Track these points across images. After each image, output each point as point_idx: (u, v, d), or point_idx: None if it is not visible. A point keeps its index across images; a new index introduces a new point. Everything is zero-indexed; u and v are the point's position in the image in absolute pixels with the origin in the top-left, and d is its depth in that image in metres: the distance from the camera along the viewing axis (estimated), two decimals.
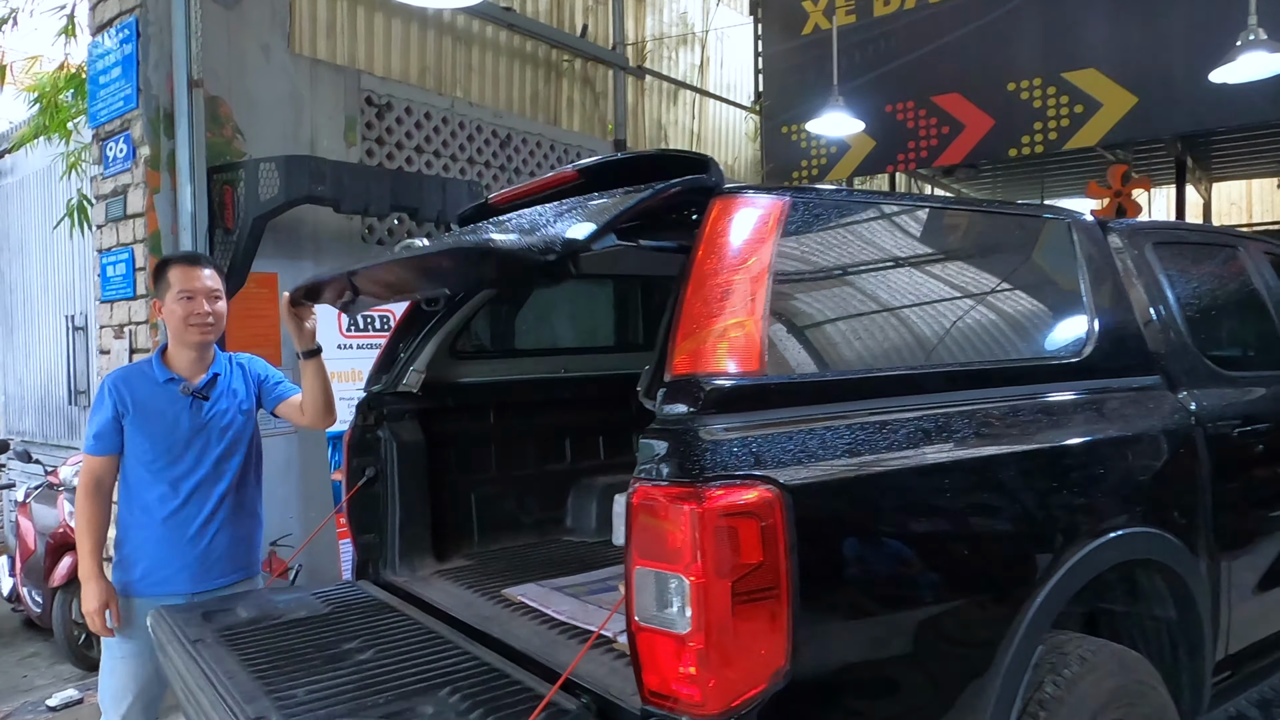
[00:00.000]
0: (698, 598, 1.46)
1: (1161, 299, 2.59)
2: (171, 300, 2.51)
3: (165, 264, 2.57)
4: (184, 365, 2.57)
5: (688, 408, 1.57)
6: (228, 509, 2.56)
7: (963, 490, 1.77)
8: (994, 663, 1.78)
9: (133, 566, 2.52)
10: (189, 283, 2.51)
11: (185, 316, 2.51)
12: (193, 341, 2.55)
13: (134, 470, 2.51)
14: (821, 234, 1.89)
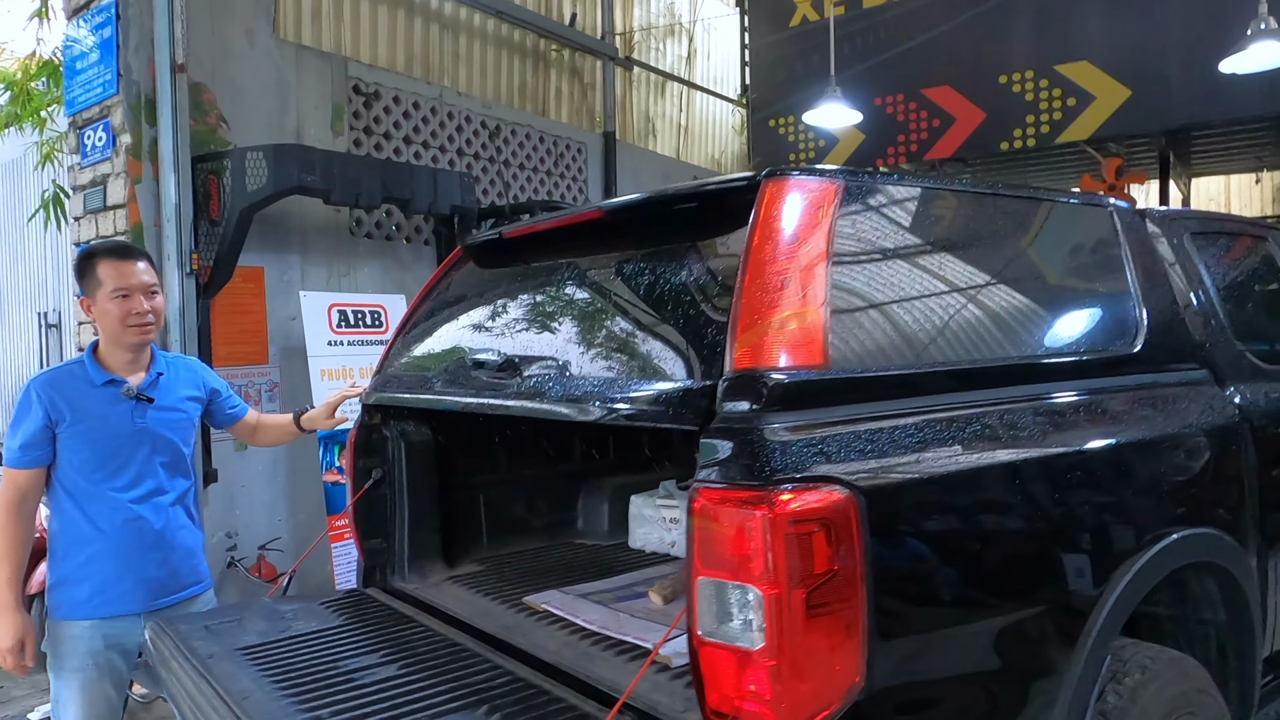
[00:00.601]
0: (770, 610, 1.34)
1: (1203, 290, 2.50)
2: (104, 299, 2.27)
3: (91, 257, 2.30)
4: (120, 366, 2.34)
5: (750, 405, 1.45)
6: (179, 518, 2.39)
7: (1035, 490, 1.67)
8: (1066, 672, 1.68)
9: (77, 587, 2.27)
10: (123, 279, 2.28)
11: (122, 317, 2.27)
12: (131, 343, 2.32)
13: (71, 482, 2.26)
14: (874, 219, 1.78)
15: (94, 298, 2.29)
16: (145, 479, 2.31)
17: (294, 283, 4.68)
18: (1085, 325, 2.09)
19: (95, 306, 2.29)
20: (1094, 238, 2.28)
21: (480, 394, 2.00)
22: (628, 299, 1.84)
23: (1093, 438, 1.83)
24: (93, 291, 2.29)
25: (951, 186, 2.00)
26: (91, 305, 2.31)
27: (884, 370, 1.61)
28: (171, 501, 2.36)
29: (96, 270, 2.28)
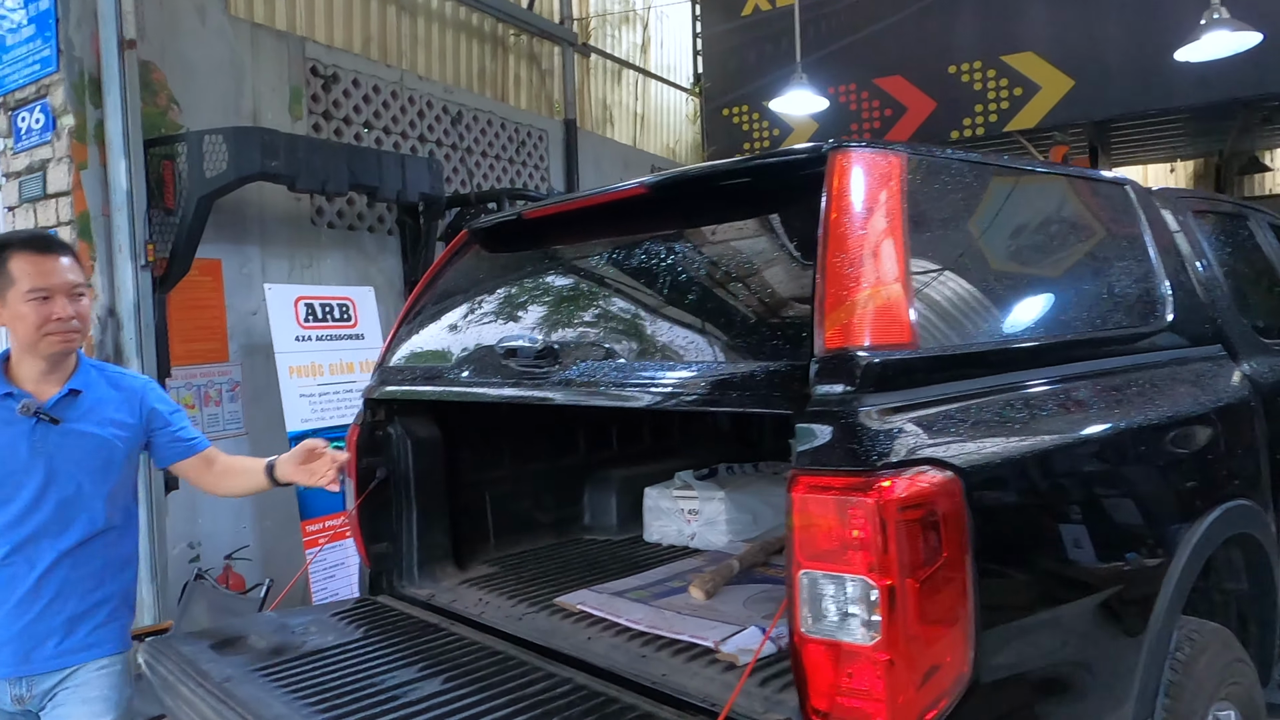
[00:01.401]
0: (884, 602, 1.27)
1: (1210, 266, 2.53)
2: (18, 300, 1.86)
3: (3, 249, 1.89)
4: (32, 377, 1.92)
5: (845, 386, 1.38)
6: (71, 568, 1.90)
7: (1116, 464, 1.64)
8: (1141, 648, 1.65)
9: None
10: (43, 277, 1.86)
11: (39, 323, 1.86)
12: (50, 353, 1.90)
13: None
14: (934, 192, 1.72)
15: (4, 298, 1.87)
16: (30, 519, 1.86)
17: (254, 275, 4.44)
18: (1125, 301, 2.07)
19: (6, 308, 1.88)
20: (1121, 215, 2.27)
21: (520, 384, 1.87)
22: (683, 280, 1.75)
23: (1155, 412, 1.82)
24: (3, 290, 1.87)
25: (1001, 162, 1.96)
26: (1, 307, 1.89)
27: (963, 347, 1.56)
28: (66, 548, 1.89)
29: (8, 265, 1.86)
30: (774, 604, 2.07)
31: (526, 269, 2.25)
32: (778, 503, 2.83)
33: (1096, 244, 2.07)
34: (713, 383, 1.50)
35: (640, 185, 1.87)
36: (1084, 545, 1.56)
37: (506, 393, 1.92)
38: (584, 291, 1.96)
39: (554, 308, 1.99)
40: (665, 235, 1.86)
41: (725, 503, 2.65)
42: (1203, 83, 6.70)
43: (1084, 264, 1.98)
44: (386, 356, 2.48)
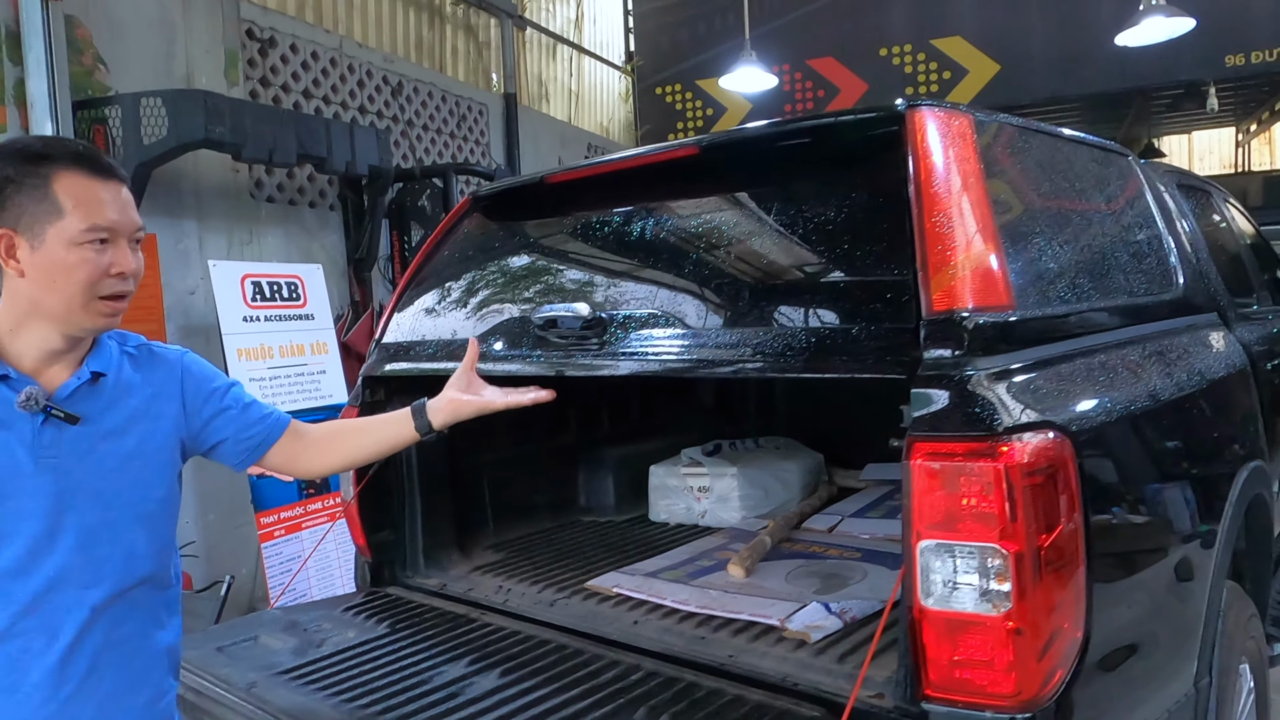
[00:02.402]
0: (1015, 570, 1.23)
1: (1200, 238, 2.61)
2: (64, 242, 1.23)
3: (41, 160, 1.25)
4: (35, 356, 1.28)
5: (954, 351, 1.33)
6: (106, 630, 1.29)
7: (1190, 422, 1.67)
8: (1204, 603, 1.68)
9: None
10: (105, 211, 1.26)
11: (94, 279, 1.25)
12: (94, 327, 1.30)
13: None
14: (1001, 154, 1.69)
15: (39, 237, 1.23)
16: (41, 563, 1.25)
17: (191, 251, 4.13)
18: (1151, 269, 2.10)
19: (39, 252, 1.24)
20: (1133, 186, 2.31)
21: (569, 356, 1.76)
22: (749, 245, 1.67)
23: (1196, 376, 1.85)
24: (38, 224, 1.23)
25: (1042, 127, 1.94)
26: (28, 247, 1.24)
27: (1048, 311, 1.53)
28: (92, 610, 1.27)
29: (53, 188, 1.24)
30: (817, 579, 2.03)
31: (547, 237, 2.13)
32: (787, 478, 2.81)
33: (1125, 212, 2.10)
34: (812, 349, 1.43)
35: (692, 145, 1.78)
36: (1162, 504, 1.58)
37: (553, 367, 1.80)
38: (629, 259, 1.86)
39: (595, 277, 1.88)
40: (715, 199, 1.78)
41: (738, 479, 2.59)
42: (1121, 70, 6.99)
43: (1119, 231, 1.99)
44: (385, 333, 2.32)
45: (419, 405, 1.61)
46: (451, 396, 1.61)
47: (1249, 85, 8.38)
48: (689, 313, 1.63)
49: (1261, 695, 2.26)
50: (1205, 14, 5.46)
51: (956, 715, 1.29)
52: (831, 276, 1.54)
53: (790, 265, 1.61)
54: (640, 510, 2.88)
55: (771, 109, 8.51)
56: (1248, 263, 3.21)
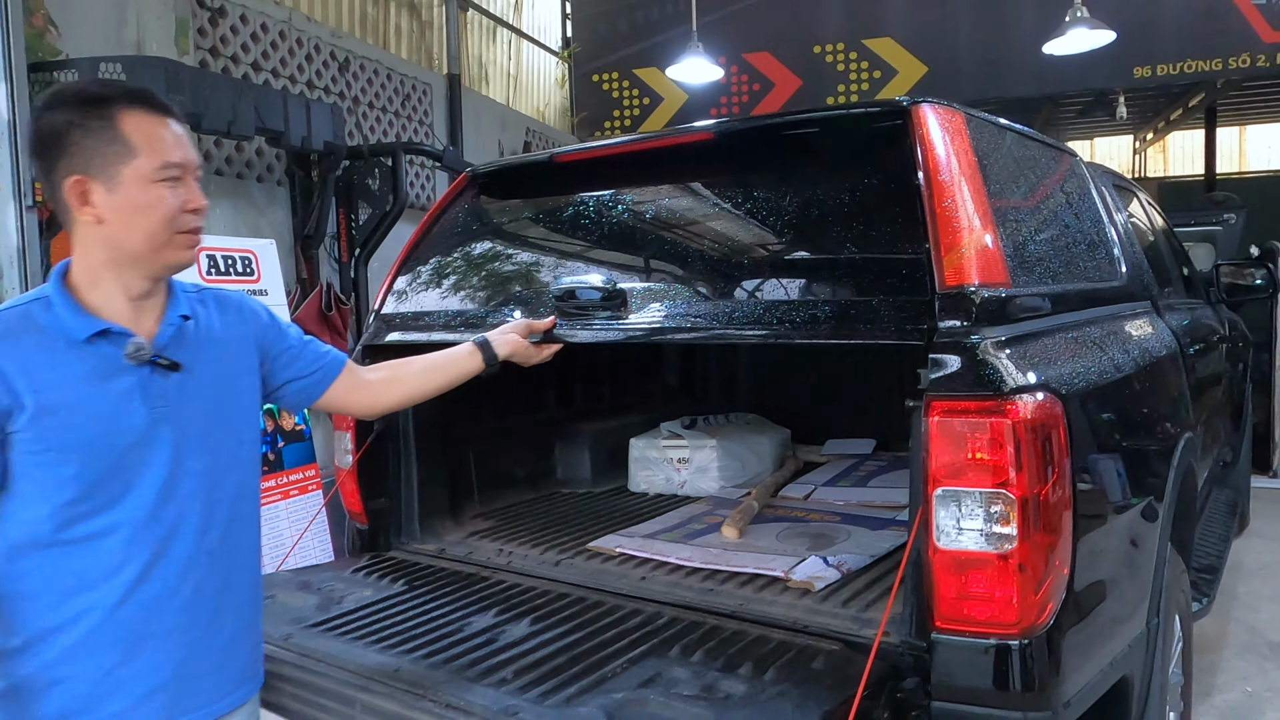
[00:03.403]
0: (1020, 513, 1.40)
1: (1133, 234, 2.87)
2: (141, 180, 1.23)
3: (103, 100, 1.24)
4: (117, 307, 1.28)
5: (963, 321, 1.49)
6: (224, 572, 1.36)
7: (1143, 394, 1.88)
8: (1155, 552, 1.89)
9: (39, 702, 1.26)
10: (176, 149, 1.27)
11: (174, 215, 1.26)
12: (175, 264, 1.31)
13: (31, 522, 1.25)
14: (987, 148, 1.86)
15: (114, 177, 1.22)
16: (167, 509, 1.30)
17: None
18: (1101, 258, 2.33)
19: (115, 194, 1.23)
20: (1084, 184, 2.53)
21: (590, 325, 1.85)
22: (769, 223, 1.80)
23: (1148, 354, 2.07)
24: (111, 166, 1.22)
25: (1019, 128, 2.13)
26: (103, 190, 1.23)
27: (1037, 289, 1.71)
28: (210, 553, 1.34)
29: (120, 127, 1.23)
30: (806, 538, 2.19)
31: (553, 213, 2.21)
32: (761, 450, 2.97)
33: (1079, 206, 2.30)
34: (837, 318, 1.57)
35: (707, 130, 1.89)
36: (1129, 460, 1.78)
37: (583, 335, 1.88)
38: (641, 235, 1.96)
39: (611, 251, 1.98)
40: (733, 184, 1.90)
41: (717, 450, 2.73)
42: (1042, 76, 7.42)
43: (1076, 223, 2.20)
44: (384, 304, 2.36)
45: (482, 340, 1.78)
46: (513, 339, 1.81)
47: (1150, 96, 8.98)
48: (717, 287, 1.75)
49: (1187, 647, 2.53)
50: (1119, 27, 5.86)
51: (963, 644, 1.45)
52: (852, 254, 1.68)
53: (806, 244, 1.75)
54: (615, 482, 2.99)
55: (708, 101, 8.68)
56: (1166, 257, 3.52)
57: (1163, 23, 6.82)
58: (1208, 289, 4.00)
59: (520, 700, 1.38)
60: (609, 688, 1.42)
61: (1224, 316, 4.03)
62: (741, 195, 1.85)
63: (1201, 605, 2.85)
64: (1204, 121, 9.85)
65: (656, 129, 9.07)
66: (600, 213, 2.06)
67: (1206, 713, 2.99)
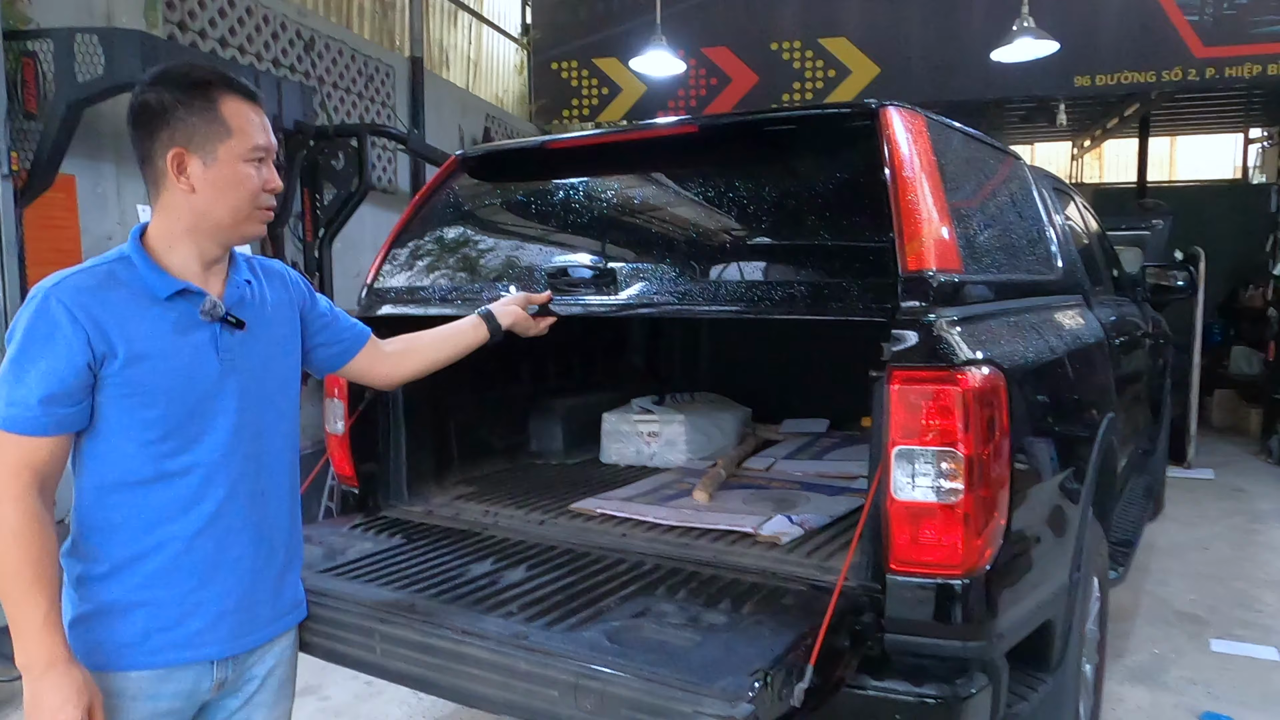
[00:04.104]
0: (966, 469, 1.61)
1: (1069, 233, 3.14)
2: (234, 159, 1.39)
3: (206, 84, 1.39)
4: (193, 270, 1.43)
5: (920, 302, 1.69)
6: (279, 509, 1.55)
7: (1075, 372, 2.11)
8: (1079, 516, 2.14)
9: (125, 620, 1.40)
10: (265, 133, 1.44)
11: (255, 192, 1.42)
12: (250, 236, 1.47)
13: (122, 459, 1.38)
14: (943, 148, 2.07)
15: (211, 154, 1.38)
16: (237, 450, 1.45)
17: (109, 196, 4.05)
18: (1040, 253, 2.56)
19: (211, 169, 1.38)
20: (1026, 185, 2.77)
21: (582, 300, 2.01)
22: (746, 210, 1.98)
23: (1080, 339, 2.31)
24: (210, 144, 1.38)
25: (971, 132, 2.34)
26: (200, 164, 1.38)
27: (984, 276, 1.93)
28: (266, 492, 1.52)
29: (221, 111, 1.39)
30: (770, 502, 2.38)
31: (538, 197, 2.36)
32: (725, 426, 3.17)
33: (1022, 205, 2.54)
34: (811, 297, 1.75)
35: (691, 123, 2.06)
36: (1058, 431, 2.01)
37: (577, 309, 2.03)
38: (630, 219, 2.13)
39: (600, 233, 2.14)
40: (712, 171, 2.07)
41: (685, 425, 2.91)
42: (988, 82, 7.75)
43: (1019, 220, 2.43)
44: (376, 279, 2.49)
45: (486, 312, 1.95)
46: (514, 310, 1.98)
47: (1089, 104, 9.43)
48: (702, 267, 1.92)
49: (1104, 607, 2.80)
50: (1062, 37, 6.19)
51: (914, 583, 1.65)
52: (825, 240, 1.87)
53: (784, 230, 1.93)
54: (586, 454, 3.15)
55: (665, 94, 8.84)
56: (1097, 257, 3.81)
57: (1103, 35, 7.19)
58: (1135, 289, 4.31)
59: (528, 628, 1.54)
60: (606, 618, 1.59)
61: (1148, 315, 4.36)
62: (723, 184, 2.02)
63: (1118, 574, 3.14)
64: (1138, 131, 10.36)
65: (614, 119, 9.23)
66: (589, 197, 2.22)
67: (1119, 670, 3.28)
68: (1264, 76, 6.95)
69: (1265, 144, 11.63)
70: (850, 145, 1.94)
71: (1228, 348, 8.97)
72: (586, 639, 1.50)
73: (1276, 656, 3.42)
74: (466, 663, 1.52)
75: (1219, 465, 6.71)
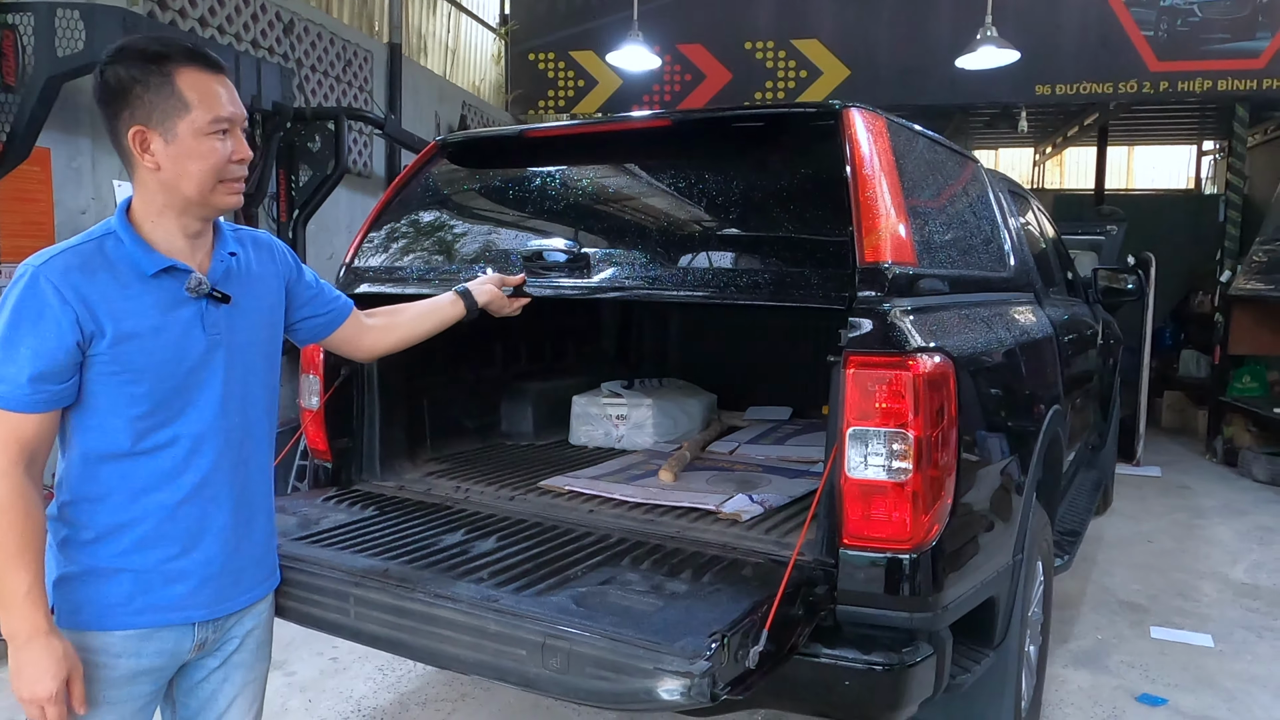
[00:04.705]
0: (918, 449, 1.71)
1: (1022, 234, 3.27)
2: (193, 133, 1.39)
3: (163, 60, 1.38)
4: (176, 245, 1.44)
5: (876, 291, 1.79)
6: (260, 478, 1.60)
7: (1021, 362, 2.24)
8: (1022, 501, 2.26)
9: (109, 583, 1.44)
10: (223, 104, 1.42)
11: (221, 165, 1.42)
12: (222, 207, 1.46)
13: (110, 434, 1.41)
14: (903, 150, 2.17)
15: (170, 131, 1.38)
16: (222, 421, 1.49)
17: (84, 170, 4.04)
18: (994, 251, 2.69)
19: (172, 145, 1.38)
20: (982, 187, 2.90)
21: (555, 283, 2.09)
22: (714, 201, 2.07)
23: (1028, 333, 2.44)
24: (168, 120, 1.37)
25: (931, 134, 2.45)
26: (161, 141, 1.38)
27: (938, 271, 2.04)
28: (248, 461, 1.55)
29: (176, 84, 1.37)
30: (733, 483, 2.48)
31: (515, 184, 2.43)
32: (691, 411, 3.27)
33: (977, 205, 2.66)
34: (775, 285, 1.85)
35: (665, 117, 2.15)
36: (1005, 418, 2.13)
37: (550, 291, 2.11)
38: (603, 206, 2.21)
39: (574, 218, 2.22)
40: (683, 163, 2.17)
41: (653, 409, 3.01)
42: (953, 87, 7.93)
43: (974, 220, 2.55)
44: (355, 258, 2.54)
45: (463, 290, 2.02)
46: (490, 289, 2.06)
47: (1050, 112, 9.66)
48: (672, 254, 2.01)
49: (1048, 591, 2.94)
50: (1024, 47, 6.37)
51: (865, 557, 1.76)
52: (789, 232, 1.97)
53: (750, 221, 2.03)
54: (554, 436, 3.24)
55: (640, 89, 8.92)
56: (1051, 259, 3.96)
57: (1063, 46, 7.41)
58: (1087, 291, 4.48)
59: (499, 592, 1.62)
60: (573, 585, 1.68)
61: (1100, 316, 4.53)
62: (694, 177, 2.12)
63: (1064, 562, 3.29)
64: (1097, 140, 10.63)
65: (590, 112, 9.29)
66: (565, 185, 2.30)
67: (1064, 654, 3.44)
68: (1214, 92, 7.20)
69: (1217, 156, 12.00)
70: (815, 143, 2.04)
71: (1179, 352, 9.26)
72: (554, 603, 1.58)
73: (1211, 643, 3.59)
74: (439, 625, 1.60)
75: (1166, 464, 6.95)
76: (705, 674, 1.36)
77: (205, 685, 1.59)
